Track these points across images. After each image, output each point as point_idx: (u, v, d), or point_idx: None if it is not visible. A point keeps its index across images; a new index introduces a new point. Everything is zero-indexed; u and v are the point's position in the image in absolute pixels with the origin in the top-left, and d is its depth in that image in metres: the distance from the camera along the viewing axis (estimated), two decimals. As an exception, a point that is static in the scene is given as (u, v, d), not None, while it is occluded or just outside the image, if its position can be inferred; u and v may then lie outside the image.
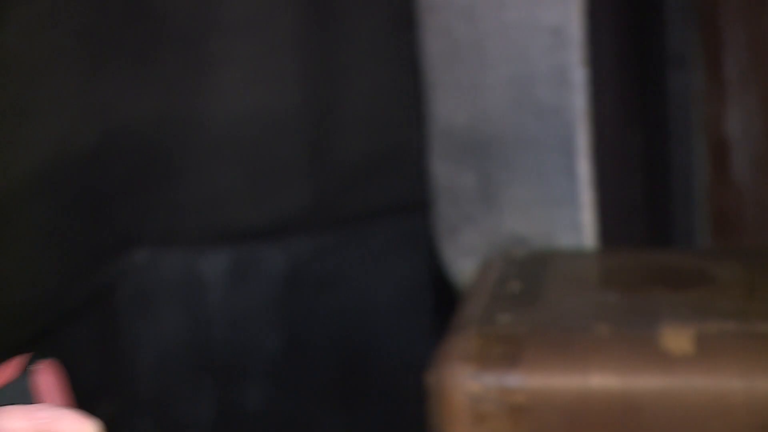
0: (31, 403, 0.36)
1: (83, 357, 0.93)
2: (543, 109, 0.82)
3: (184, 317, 1.00)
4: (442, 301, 0.84)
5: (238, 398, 0.95)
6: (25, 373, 0.36)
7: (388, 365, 0.94)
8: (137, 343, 0.95)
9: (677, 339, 0.63)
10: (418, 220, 0.93)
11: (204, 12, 0.94)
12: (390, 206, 0.97)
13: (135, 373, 0.97)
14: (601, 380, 0.61)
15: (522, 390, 0.62)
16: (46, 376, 0.37)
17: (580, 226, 0.83)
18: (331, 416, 0.95)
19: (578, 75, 0.80)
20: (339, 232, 0.97)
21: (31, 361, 0.36)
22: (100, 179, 0.92)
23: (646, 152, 0.97)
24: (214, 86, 0.91)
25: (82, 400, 0.73)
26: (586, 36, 0.81)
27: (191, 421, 1.02)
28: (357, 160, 0.97)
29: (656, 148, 0.99)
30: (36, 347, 0.41)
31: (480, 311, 0.65)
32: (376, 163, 0.96)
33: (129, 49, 0.90)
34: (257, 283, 1.00)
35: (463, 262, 0.79)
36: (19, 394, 0.36)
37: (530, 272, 0.78)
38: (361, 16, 0.98)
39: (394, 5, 0.98)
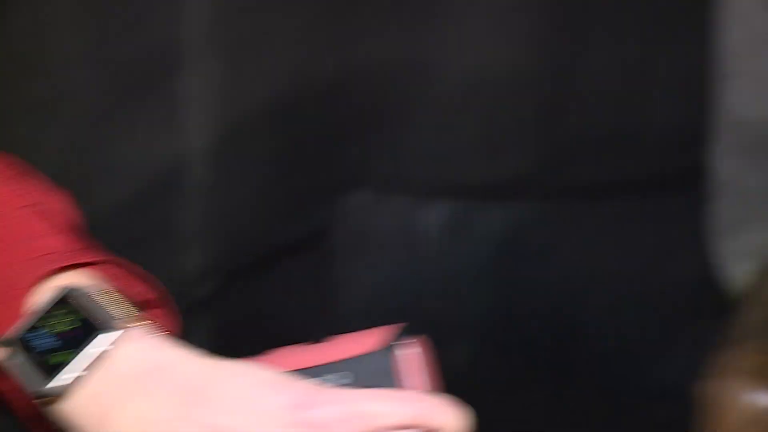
0: (392, 382, 0.35)
1: (294, 295, 0.92)
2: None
3: (398, 267, 1.01)
4: (699, 302, 0.81)
5: (442, 353, 0.96)
6: (389, 347, 0.34)
7: (602, 347, 0.93)
8: (349, 286, 0.97)
9: None
10: (657, 205, 0.91)
11: None
12: (625, 184, 0.94)
13: (344, 316, 0.99)
14: None
15: None
16: (413, 355, 0.36)
17: None
18: (535, 385, 0.96)
19: None
20: (564, 201, 0.95)
21: (398, 335, 0.34)
22: (332, 116, 0.93)
23: None
24: (457, 37, 0.89)
25: (290, 336, 0.75)
26: None
27: None
28: (592, 131, 0.94)
29: None
30: (403, 321, 0.41)
31: (761, 325, 0.62)
32: (613, 138, 0.94)
33: None
34: (473, 242, 0.99)
35: (742, 265, 0.75)
36: (380, 369, 0.34)
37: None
38: None
39: None
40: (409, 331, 0.43)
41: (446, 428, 0.40)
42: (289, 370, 0.43)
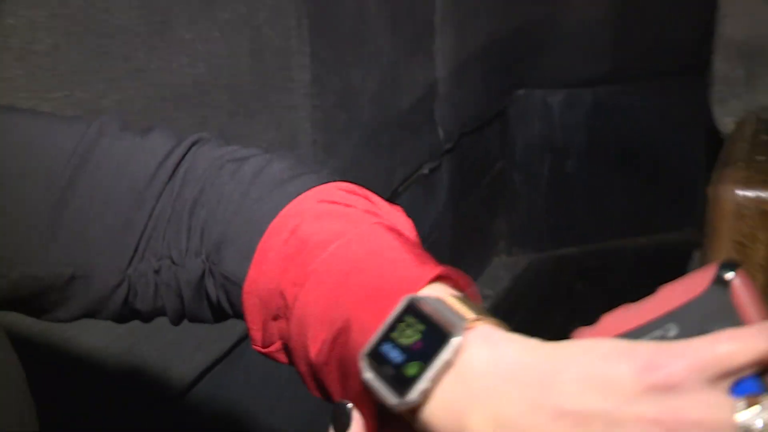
0: (732, 319, 0.33)
1: (485, 147, 1.86)
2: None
3: (541, 124, 2.22)
4: (710, 139, 1.39)
5: (562, 167, 2.39)
6: (718, 283, 0.33)
7: (661, 162, 1.91)
8: (516, 138, 2.22)
9: None
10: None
11: None
12: (662, 74, 1.97)
13: (515, 151, 1.99)
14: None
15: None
16: (745, 288, 0.33)
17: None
18: (616, 190, 2.16)
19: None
20: (626, 86, 1.95)
21: (723, 269, 0.33)
22: (514, 48, 2.06)
23: None
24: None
25: (479, 170, 1.94)
26: None
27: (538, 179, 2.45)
28: (652, 40, 1.98)
29: None
30: (727, 258, 0.35)
31: (743, 153, 1.18)
32: (665, 47, 1.98)
33: None
34: (582, 108, 2.00)
35: (728, 120, 1.32)
36: (720, 309, 0.33)
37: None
38: None
39: None
40: (732, 265, 0.35)
41: None
42: (621, 334, 0.38)
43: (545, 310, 2.14)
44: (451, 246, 2.04)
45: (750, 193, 1.16)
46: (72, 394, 1.03)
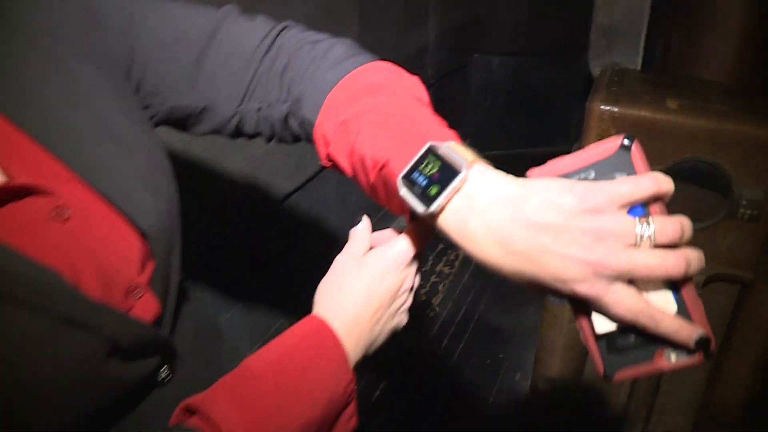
0: (631, 171, 0.52)
1: (451, 87, 3.16)
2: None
3: (484, 75, 3.67)
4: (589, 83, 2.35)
5: (494, 102, 4.07)
6: (623, 147, 0.53)
7: (552, 100, 2.93)
8: (470, 83, 3.80)
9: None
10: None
11: None
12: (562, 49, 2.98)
13: (469, 90, 3.67)
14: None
15: (619, 113, 2.07)
16: (638, 151, 0.52)
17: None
18: (522, 118, 3.25)
19: None
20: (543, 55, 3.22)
21: (627, 139, 0.52)
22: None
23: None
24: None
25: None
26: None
27: (481, 109, 3.86)
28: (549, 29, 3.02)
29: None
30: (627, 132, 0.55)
31: (605, 85, 2.11)
32: (557, 32, 3.04)
33: None
34: (509, 68, 3.09)
35: (596, 69, 2.30)
36: (622, 163, 0.53)
37: (623, 75, 2.25)
38: None
39: None
40: (630, 136, 0.56)
41: (666, 189, 0.53)
42: (560, 175, 0.57)
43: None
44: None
45: (606, 107, 2.10)
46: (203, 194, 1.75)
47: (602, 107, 2.08)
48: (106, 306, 0.59)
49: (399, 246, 0.72)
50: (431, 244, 1.96)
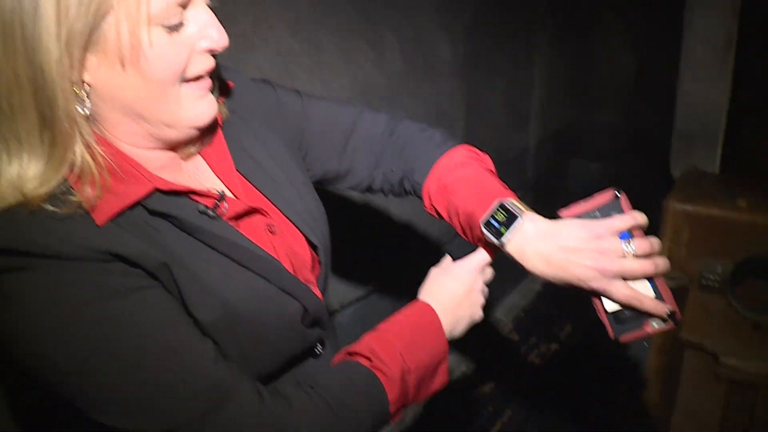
0: (622, 211, 0.99)
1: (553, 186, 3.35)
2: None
3: (583, 182, 3.88)
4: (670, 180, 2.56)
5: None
6: (615, 197, 0.99)
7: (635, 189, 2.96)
8: (576, 185, 3.93)
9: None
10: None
11: None
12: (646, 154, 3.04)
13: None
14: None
15: (692, 211, 2.29)
16: (625, 200, 0.99)
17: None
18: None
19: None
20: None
21: (617, 192, 0.99)
22: None
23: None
24: None
25: None
26: None
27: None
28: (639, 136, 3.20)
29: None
30: (616, 187, 0.97)
31: (682, 185, 2.33)
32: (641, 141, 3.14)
33: None
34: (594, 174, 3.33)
35: (677, 171, 2.52)
36: (615, 207, 0.99)
37: (700, 177, 2.46)
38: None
39: None
40: (618, 190, 0.98)
41: (641, 222, 0.95)
42: (577, 214, 1.00)
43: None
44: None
45: (681, 206, 2.31)
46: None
47: (677, 206, 2.31)
48: (303, 285, 0.97)
49: (475, 258, 1.11)
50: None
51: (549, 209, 3.60)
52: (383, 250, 2.51)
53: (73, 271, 0.75)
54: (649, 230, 0.99)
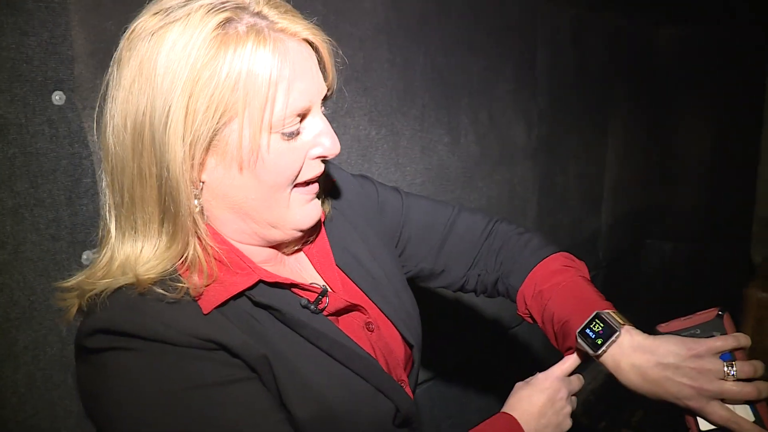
0: (723, 332, 0.98)
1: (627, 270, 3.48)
2: None
3: (658, 258, 3.75)
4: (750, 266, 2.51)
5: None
6: (719, 315, 0.97)
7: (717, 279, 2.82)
8: (649, 264, 3.89)
9: None
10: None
11: None
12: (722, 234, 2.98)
13: (650, 275, 3.65)
14: None
15: None
16: (728, 317, 0.98)
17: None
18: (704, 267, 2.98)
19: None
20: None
21: (721, 310, 0.97)
22: None
23: None
24: None
25: None
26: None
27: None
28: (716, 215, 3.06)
29: None
30: (724, 306, 0.99)
31: (764, 273, 2.27)
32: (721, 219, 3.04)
33: None
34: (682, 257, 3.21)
35: (758, 257, 2.47)
36: (717, 326, 0.97)
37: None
38: None
39: None
40: (724, 308, 0.95)
41: (744, 343, 0.94)
42: (676, 330, 1.00)
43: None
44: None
45: (763, 295, 2.25)
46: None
47: (759, 294, 2.23)
48: (398, 384, 0.98)
49: (559, 368, 1.08)
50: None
51: (621, 290, 3.60)
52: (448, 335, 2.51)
53: (176, 357, 0.77)
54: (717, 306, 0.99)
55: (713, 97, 4.00)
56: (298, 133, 0.85)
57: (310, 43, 0.85)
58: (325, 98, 0.90)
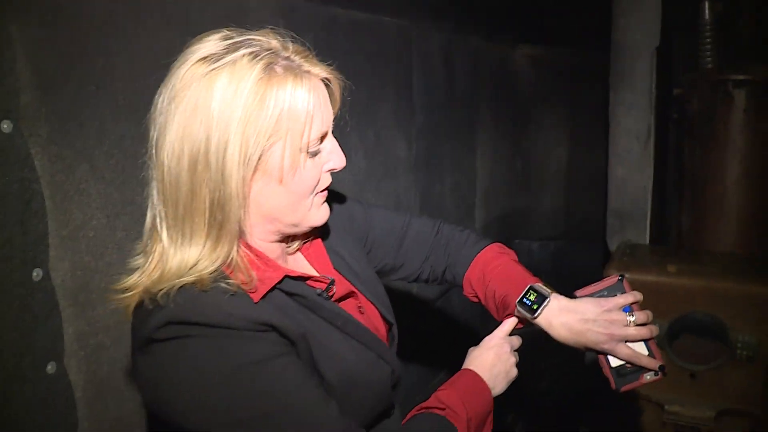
0: (624, 291, 1.32)
1: None
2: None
3: (527, 258, 4.17)
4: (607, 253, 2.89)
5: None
6: (620, 280, 1.32)
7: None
8: None
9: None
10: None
11: None
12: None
13: None
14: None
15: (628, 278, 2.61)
16: (627, 281, 1.33)
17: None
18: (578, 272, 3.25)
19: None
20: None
21: (621, 276, 1.32)
22: None
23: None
24: None
25: None
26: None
27: None
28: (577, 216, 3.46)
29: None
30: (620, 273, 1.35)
31: (618, 256, 2.64)
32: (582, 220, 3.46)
33: None
34: (548, 250, 3.45)
35: (613, 244, 2.86)
36: (619, 287, 1.32)
37: (634, 249, 2.80)
38: None
39: None
40: (622, 275, 1.31)
41: (639, 298, 1.27)
42: (590, 293, 1.31)
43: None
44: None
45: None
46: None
47: (614, 274, 2.58)
48: (390, 351, 1.20)
49: (501, 329, 1.34)
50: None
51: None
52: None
53: (238, 339, 0.94)
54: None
55: (566, 110, 4.51)
56: (318, 152, 1.06)
57: (324, 79, 1.06)
58: None
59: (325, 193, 1.13)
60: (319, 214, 1.12)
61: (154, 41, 1.67)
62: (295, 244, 1.21)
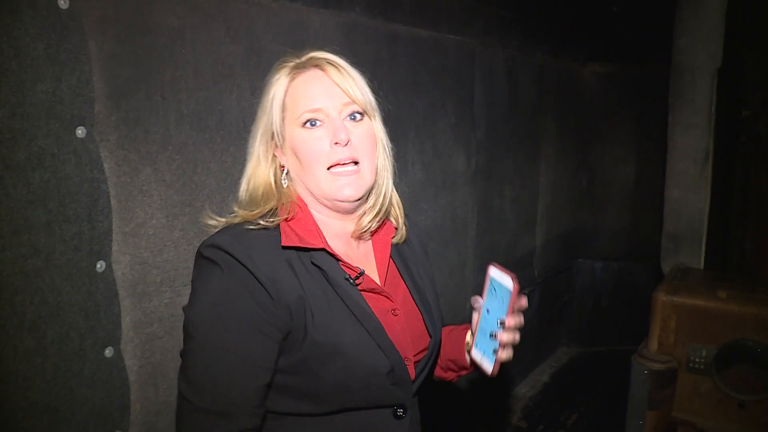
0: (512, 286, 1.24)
1: (557, 286, 3.45)
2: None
3: (588, 277, 3.94)
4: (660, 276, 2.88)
5: (597, 302, 4.40)
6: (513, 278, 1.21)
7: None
8: (575, 284, 3.73)
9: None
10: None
11: None
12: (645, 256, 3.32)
13: (575, 290, 3.50)
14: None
15: (677, 302, 2.61)
16: (515, 278, 1.20)
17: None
18: (619, 307, 3.34)
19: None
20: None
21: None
22: None
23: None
24: None
25: None
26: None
27: (585, 305, 4.22)
28: (643, 238, 3.42)
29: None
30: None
31: (669, 280, 2.62)
32: (646, 239, 3.42)
33: None
34: (611, 271, 3.50)
35: (666, 267, 2.85)
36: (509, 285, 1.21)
37: (686, 272, 2.78)
38: None
39: None
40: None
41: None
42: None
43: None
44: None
45: (666, 297, 2.60)
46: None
47: (663, 297, 2.59)
48: (396, 350, 1.25)
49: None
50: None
51: (555, 304, 3.98)
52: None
53: (245, 278, 1.13)
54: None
55: (633, 127, 4.47)
56: (314, 126, 1.23)
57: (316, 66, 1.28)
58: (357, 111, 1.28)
59: (341, 171, 1.24)
60: (335, 185, 1.24)
61: (218, 55, 1.80)
62: (360, 232, 1.33)
